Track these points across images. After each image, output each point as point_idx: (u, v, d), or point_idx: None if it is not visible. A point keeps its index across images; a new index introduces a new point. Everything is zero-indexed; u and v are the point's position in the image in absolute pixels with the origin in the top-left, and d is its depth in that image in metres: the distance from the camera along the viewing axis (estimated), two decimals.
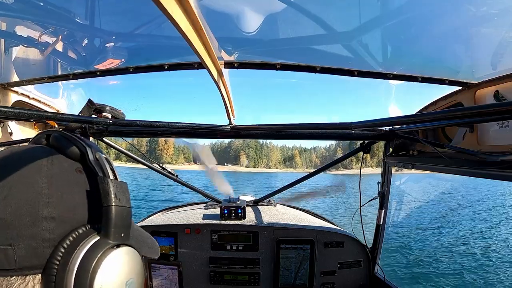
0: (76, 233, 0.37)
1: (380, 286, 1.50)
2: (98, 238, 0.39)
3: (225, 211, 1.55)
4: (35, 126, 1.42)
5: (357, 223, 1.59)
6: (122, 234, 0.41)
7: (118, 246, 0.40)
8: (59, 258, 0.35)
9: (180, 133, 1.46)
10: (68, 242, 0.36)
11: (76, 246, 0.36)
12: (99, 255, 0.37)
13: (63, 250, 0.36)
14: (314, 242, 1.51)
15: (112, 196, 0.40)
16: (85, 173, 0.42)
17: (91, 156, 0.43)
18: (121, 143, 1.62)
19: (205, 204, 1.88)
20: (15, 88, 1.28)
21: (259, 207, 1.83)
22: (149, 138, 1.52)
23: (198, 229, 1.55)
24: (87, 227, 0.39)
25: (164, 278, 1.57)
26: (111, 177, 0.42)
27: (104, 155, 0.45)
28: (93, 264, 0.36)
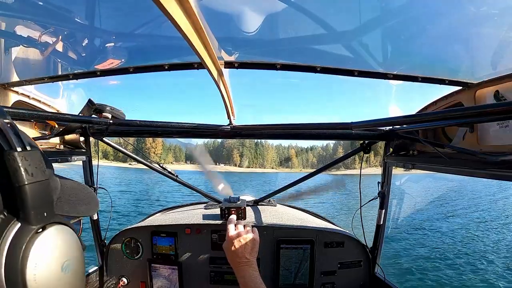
0: None
1: (380, 286, 1.50)
2: (19, 225, 0.34)
3: (226, 211, 1.55)
4: (35, 126, 1.42)
5: (357, 223, 1.59)
6: (45, 214, 0.36)
7: (43, 228, 0.36)
8: None
9: (180, 133, 1.46)
10: None
11: None
12: (24, 246, 0.33)
13: None
14: (314, 242, 1.51)
15: (23, 172, 0.33)
16: None
17: None
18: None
19: (205, 204, 1.88)
20: (15, 88, 1.28)
21: (259, 207, 1.83)
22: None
23: (198, 229, 1.55)
24: (4, 215, 0.34)
25: (164, 278, 1.57)
26: (18, 148, 0.34)
27: (6, 121, 0.36)
28: (20, 258, 0.33)
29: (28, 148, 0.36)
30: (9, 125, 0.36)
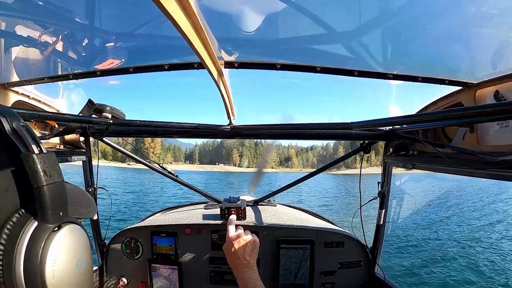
0: (11, 223, 0.34)
1: (380, 286, 1.50)
2: (36, 223, 0.35)
3: (226, 211, 1.55)
4: (35, 126, 1.42)
5: (357, 223, 1.59)
6: (61, 213, 0.38)
7: (59, 227, 0.37)
8: (0, 257, 0.33)
9: (180, 133, 1.46)
10: (5, 236, 0.33)
11: (15, 240, 0.33)
12: (43, 244, 0.34)
13: (2, 248, 0.33)
14: (314, 242, 1.51)
15: (41, 174, 0.35)
16: (4, 148, 0.36)
17: (7, 127, 0.36)
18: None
19: (205, 204, 1.88)
20: (15, 88, 1.28)
21: (259, 207, 1.83)
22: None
23: (198, 229, 1.55)
24: (21, 213, 0.35)
25: (164, 278, 1.57)
26: (36, 150, 0.36)
27: (22, 123, 0.38)
28: (39, 255, 0.34)
29: (44, 150, 0.37)
30: (24, 128, 0.37)
